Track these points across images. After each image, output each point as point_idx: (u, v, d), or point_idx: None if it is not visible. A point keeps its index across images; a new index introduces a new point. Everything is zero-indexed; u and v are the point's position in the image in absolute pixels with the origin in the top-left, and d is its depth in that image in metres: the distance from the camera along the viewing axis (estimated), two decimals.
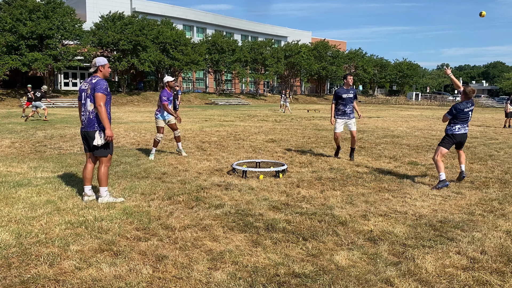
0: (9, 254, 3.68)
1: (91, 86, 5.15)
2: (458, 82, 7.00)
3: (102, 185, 5.33)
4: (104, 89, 5.12)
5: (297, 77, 61.09)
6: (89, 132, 5.22)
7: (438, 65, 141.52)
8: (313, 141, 12.16)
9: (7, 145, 10.51)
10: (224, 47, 49.05)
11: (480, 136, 14.06)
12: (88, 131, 5.22)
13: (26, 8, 34.33)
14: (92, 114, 5.18)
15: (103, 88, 5.12)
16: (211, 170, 7.59)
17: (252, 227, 4.48)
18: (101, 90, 5.10)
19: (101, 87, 5.11)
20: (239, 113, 27.51)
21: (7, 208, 5.00)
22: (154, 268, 3.47)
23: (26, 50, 33.96)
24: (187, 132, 13.93)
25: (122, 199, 5.42)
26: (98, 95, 5.09)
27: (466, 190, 6.24)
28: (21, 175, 6.91)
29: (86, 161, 5.48)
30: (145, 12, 51.14)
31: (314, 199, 5.67)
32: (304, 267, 3.51)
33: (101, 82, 5.15)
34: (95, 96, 5.10)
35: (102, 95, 5.10)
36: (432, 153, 9.88)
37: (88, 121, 5.21)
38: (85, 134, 5.28)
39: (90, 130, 5.21)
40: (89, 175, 5.43)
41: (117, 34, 39.16)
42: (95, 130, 5.19)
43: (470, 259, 3.72)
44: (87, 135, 5.25)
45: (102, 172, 5.32)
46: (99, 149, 5.27)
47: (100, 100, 5.09)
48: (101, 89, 5.11)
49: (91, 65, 5.33)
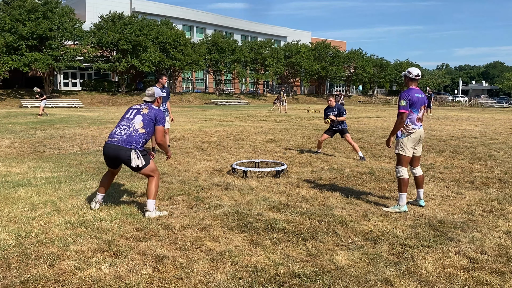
0: (9, 254, 3.68)
1: (150, 111, 4.84)
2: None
3: (150, 197, 4.80)
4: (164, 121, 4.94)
5: (297, 77, 61.09)
6: (123, 149, 4.70)
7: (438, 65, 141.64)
8: (313, 141, 12.16)
9: (7, 145, 10.50)
10: (224, 47, 49.05)
11: (480, 136, 14.06)
12: (122, 147, 4.71)
13: (25, 8, 34.32)
14: (136, 132, 4.74)
15: (164, 121, 4.94)
16: (211, 170, 7.59)
17: (252, 227, 4.48)
18: (163, 123, 4.90)
19: (163, 120, 4.89)
20: (238, 113, 27.51)
21: (6, 208, 4.99)
22: (154, 268, 3.47)
23: (26, 50, 33.96)
24: (187, 132, 13.92)
25: (165, 212, 4.92)
26: (160, 129, 4.87)
27: (466, 190, 6.24)
28: (21, 175, 6.91)
29: (109, 169, 5.11)
30: (145, 12, 51.13)
31: (314, 199, 5.67)
32: (304, 267, 3.51)
33: (162, 114, 4.92)
34: (157, 129, 4.84)
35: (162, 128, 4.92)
36: (433, 154, 9.89)
37: (127, 138, 4.72)
38: (117, 149, 4.72)
39: (126, 146, 4.70)
40: (106, 183, 5.05)
41: (116, 34, 39.15)
42: (131, 149, 4.70)
43: (470, 259, 3.72)
44: (119, 150, 4.71)
45: (154, 184, 4.82)
46: (141, 167, 4.77)
47: (161, 134, 4.90)
48: (163, 123, 4.90)
49: (147, 94, 4.98)
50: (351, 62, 64.89)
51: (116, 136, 4.76)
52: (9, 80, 38.96)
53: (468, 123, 20.64)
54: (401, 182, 5.15)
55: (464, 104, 58.28)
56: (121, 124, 4.85)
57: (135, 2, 52.96)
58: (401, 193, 5.12)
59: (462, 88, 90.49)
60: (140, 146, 4.74)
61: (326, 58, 61.27)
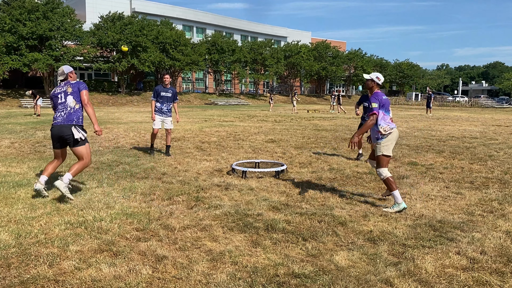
0: (9, 254, 3.68)
1: (72, 86, 5.57)
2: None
3: (70, 171, 5.40)
4: (86, 87, 5.69)
5: (297, 77, 61.11)
6: (66, 126, 5.41)
7: (438, 65, 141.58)
8: (313, 141, 12.16)
9: (7, 145, 10.50)
10: (224, 47, 49.06)
11: (480, 136, 14.07)
12: (65, 125, 5.42)
13: (25, 8, 34.33)
14: (73, 110, 5.49)
15: (86, 87, 5.67)
16: (211, 171, 7.59)
17: (251, 227, 4.48)
18: (86, 88, 5.64)
19: (84, 85, 5.65)
20: (238, 113, 27.52)
21: (6, 208, 4.99)
22: (154, 268, 3.46)
23: (26, 51, 33.97)
24: (187, 132, 13.92)
25: (71, 197, 5.33)
26: (85, 92, 5.60)
27: (465, 191, 6.24)
28: (21, 175, 6.91)
29: (54, 156, 5.76)
30: (145, 12, 51.18)
31: (314, 199, 5.67)
32: (304, 267, 3.51)
33: (82, 82, 5.67)
34: (82, 93, 5.55)
35: (87, 92, 5.62)
36: (433, 154, 9.88)
37: (67, 117, 5.45)
38: (60, 129, 5.42)
39: (68, 123, 5.43)
40: (50, 168, 5.62)
41: (116, 35, 39.16)
42: (72, 125, 5.43)
43: (469, 259, 3.72)
44: (63, 129, 5.41)
45: (81, 166, 5.48)
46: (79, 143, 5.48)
47: (87, 96, 5.59)
48: (86, 87, 5.65)
49: (59, 74, 5.69)
50: (351, 62, 64.93)
51: (58, 119, 5.47)
52: (9, 80, 38.97)
53: (468, 123, 20.64)
54: (388, 182, 5.16)
55: (464, 104, 58.32)
56: (58, 109, 5.53)
57: (135, 3, 52.98)
58: (393, 192, 5.14)
59: (462, 88, 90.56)
60: (80, 121, 5.51)
61: (326, 58, 61.31)
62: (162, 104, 9.07)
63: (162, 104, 9.07)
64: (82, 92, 5.54)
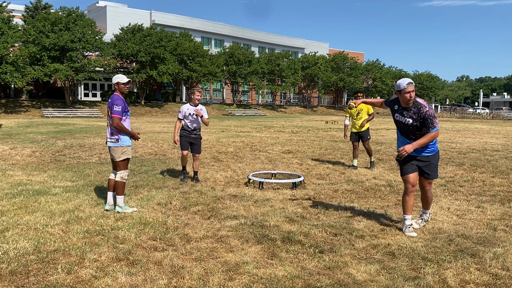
0: (28, 262, 3.73)
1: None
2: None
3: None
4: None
5: (314, 88, 61.02)
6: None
7: (458, 77, 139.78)
8: (330, 152, 12.08)
9: (28, 154, 10.71)
10: (241, 58, 49.38)
11: (502, 149, 13.77)
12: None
13: (49, 20, 35.24)
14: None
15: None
16: (227, 181, 7.59)
17: (268, 239, 4.45)
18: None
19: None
20: (255, 124, 27.56)
21: (26, 216, 5.08)
22: (170, 278, 3.46)
23: (48, 61, 34.77)
24: (204, 143, 13.99)
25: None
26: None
27: (487, 205, 6.10)
28: (41, 184, 7.03)
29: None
30: (164, 24, 51.96)
31: (331, 211, 5.61)
32: (321, 280, 3.46)
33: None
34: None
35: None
36: (453, 167, 9.71)
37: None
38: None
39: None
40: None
41: (136, 46, 39.79)
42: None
43: (491, 275, 3.62)
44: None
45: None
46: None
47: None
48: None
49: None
50: (369, 73, 64.55)
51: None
52: (32, 92, 40.07)
53: (489, 135, 20.24)
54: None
55: (485, 116, 57.27)
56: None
57: (155, 15, 53.88)
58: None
59: (483, 100, 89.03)
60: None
61: (344, 69, 61.12)
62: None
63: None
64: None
